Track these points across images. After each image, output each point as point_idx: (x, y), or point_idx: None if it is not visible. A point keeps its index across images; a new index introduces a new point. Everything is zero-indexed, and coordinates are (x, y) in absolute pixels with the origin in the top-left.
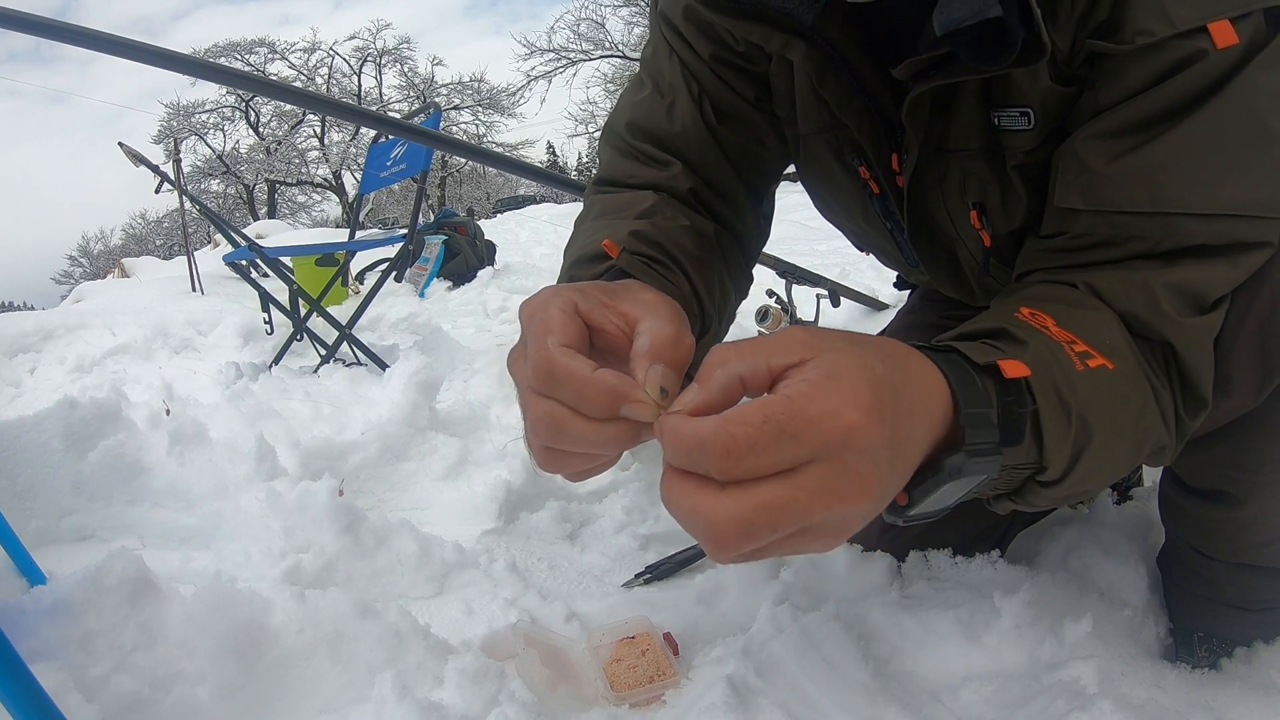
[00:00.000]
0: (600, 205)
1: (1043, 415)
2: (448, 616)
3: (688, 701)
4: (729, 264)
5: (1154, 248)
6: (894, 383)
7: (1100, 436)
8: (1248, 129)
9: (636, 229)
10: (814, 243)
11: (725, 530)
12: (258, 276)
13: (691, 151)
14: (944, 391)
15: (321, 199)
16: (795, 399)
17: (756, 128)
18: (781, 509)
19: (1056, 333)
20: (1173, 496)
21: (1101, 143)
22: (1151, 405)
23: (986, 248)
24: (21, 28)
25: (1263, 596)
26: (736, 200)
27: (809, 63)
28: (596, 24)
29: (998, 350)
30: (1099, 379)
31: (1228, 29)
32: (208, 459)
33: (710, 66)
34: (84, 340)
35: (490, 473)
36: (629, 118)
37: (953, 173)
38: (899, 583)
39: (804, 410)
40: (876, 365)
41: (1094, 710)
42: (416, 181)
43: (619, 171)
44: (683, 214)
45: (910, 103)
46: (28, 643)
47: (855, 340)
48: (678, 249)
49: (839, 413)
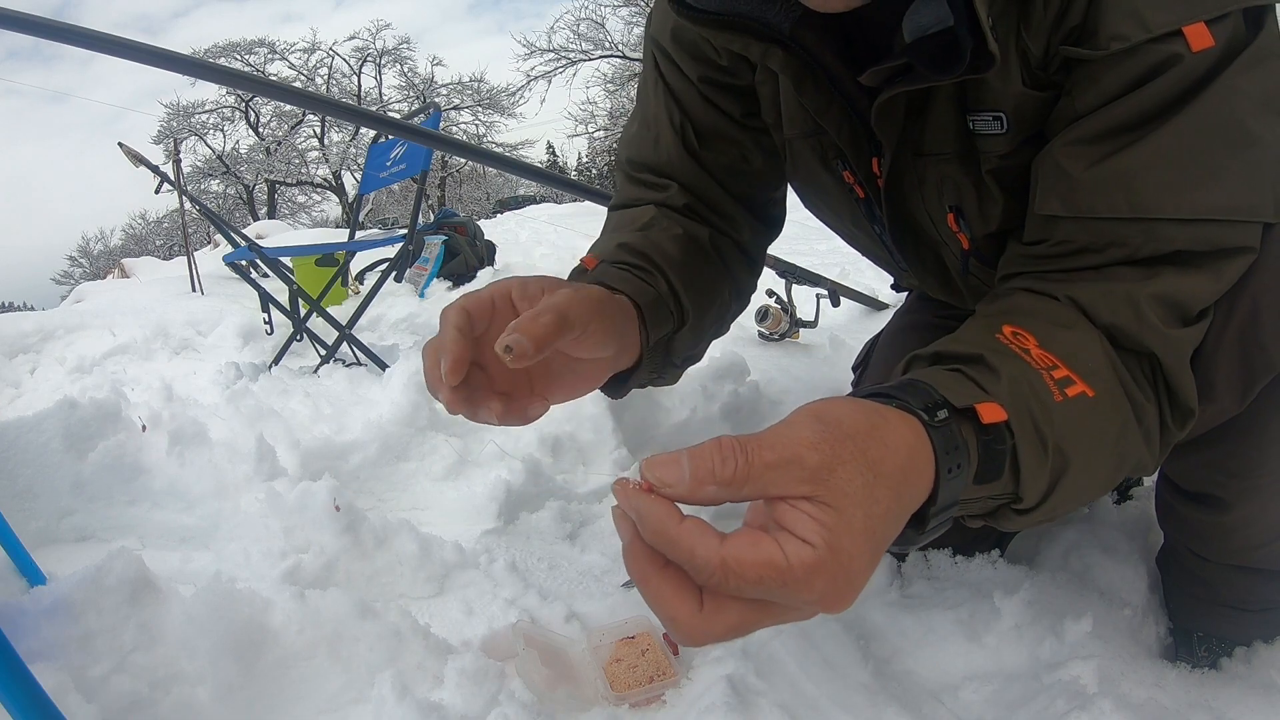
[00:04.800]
0: (612, 222)
1: (1020, 450)
2: (448, 616)
3: (688, 701)
4: (726, 263)
5: (1134, 254)
6: (891, 513)
7: (1077, 465)
8: (1225, 132)
9: (625, 241)
10: (814, 242)
11: (696, 638)
12: (258, 277)
13: (679, 175)
14: (930, 472)
15: (321, 199)
16: (794, 573)
17: (741, 146)
18: (750, 627)
19: (1038, 356)
20: (1167, 499)
21: (1079, 149)
22: (1131, 427)
23: (965, 250)
24: (21, 28)
25: (1260, 597)
26: (728, 213)
27: (787, 70)
28: (596, 24)
29: (975, 388)
30: (1077, 408)
31: (1203, 32)
32: (207, 459)
33: (698, 88)
34: (84, 341)
35: (490, 473)
36: (627, 153)
37: (930, 176)
38: (899, 583)
39: (798, 582)
40: (878, 499)
41: (1094, 710)
42: (416, 182)
43: (627, 196)
44: (678, 224)
45: (878, 108)
46: (28, 643)
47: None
48: (659, 255)
49: (831, 596)
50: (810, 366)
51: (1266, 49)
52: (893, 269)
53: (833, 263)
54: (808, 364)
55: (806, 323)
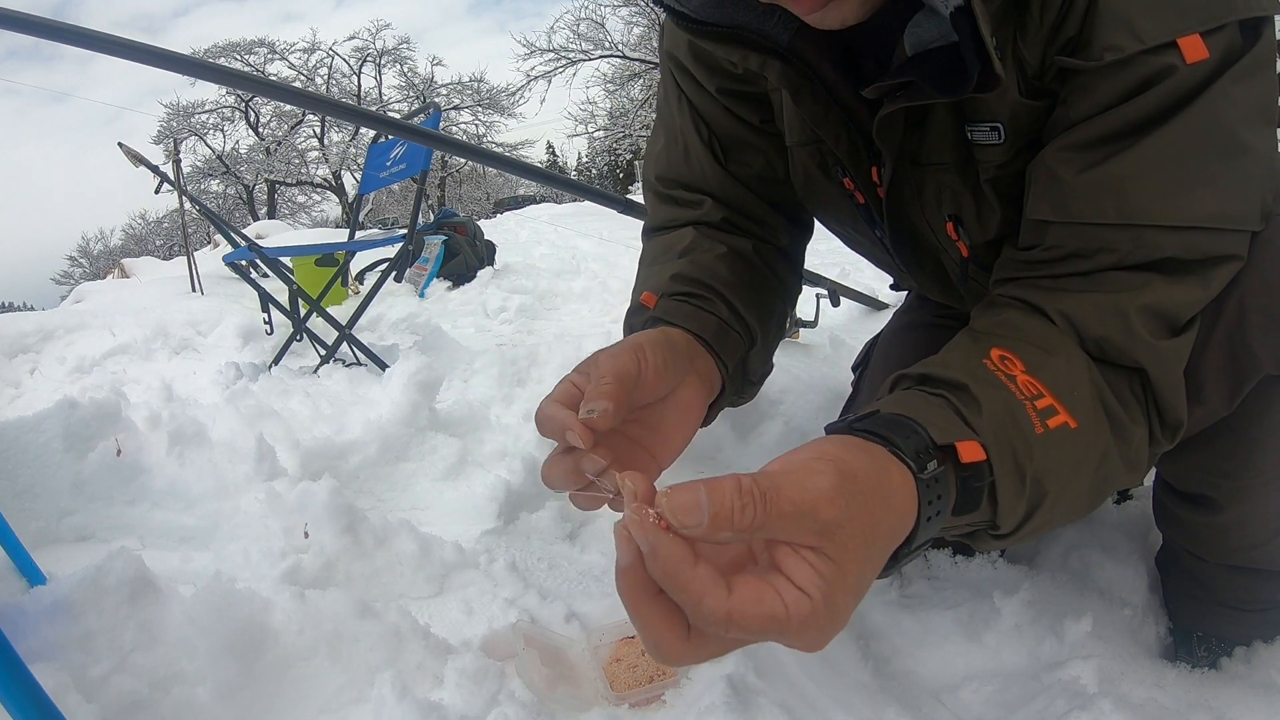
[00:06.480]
0: (651, 251)
1: (999, 484)
2: (448, 616)
3: (687, 701)
4: (774, 271)
5: (1122, 260)
6: (873, 579)
7: (1054, 495)
8: (1216, 141)
9: (677, 270)
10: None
11: (675, 663)
12: (257, 277)
13: (713, 188)
14: (913, 523)
15: (321, 199)
16: (793, 623)
17: (765, 153)
18: (730, 650)
19: (1023, 384)
20: (1164, 500)
21: (1071, 155)
22: (1113, 455)
23: (964, 257)
24: (21, 28)
25: (1258, 597)
26: (765, 220)
27: (784, 81)
28: (596, 24)
29: (958, 423)
30: (1058, 440)
31: (1198, 44)
32: (207, 459)
33: (718, 99)
34: (84, 341)
35: (490, 473)
36: (656, 171)
37: (928, 185)
38: (899, 582)
39: (793, 632)
40: (868, 578)
41: (1094, 710)
42: (416, 182)
43: (662, 218)
44: (720, 242)
45: (880, 122)
46: (28, 643)
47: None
48: (714, 279)
49: (816, 643)
50: (810, 366)
51: (1262, 59)
52: (894, 271)
53: (833, 263)
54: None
55: (806, 322)
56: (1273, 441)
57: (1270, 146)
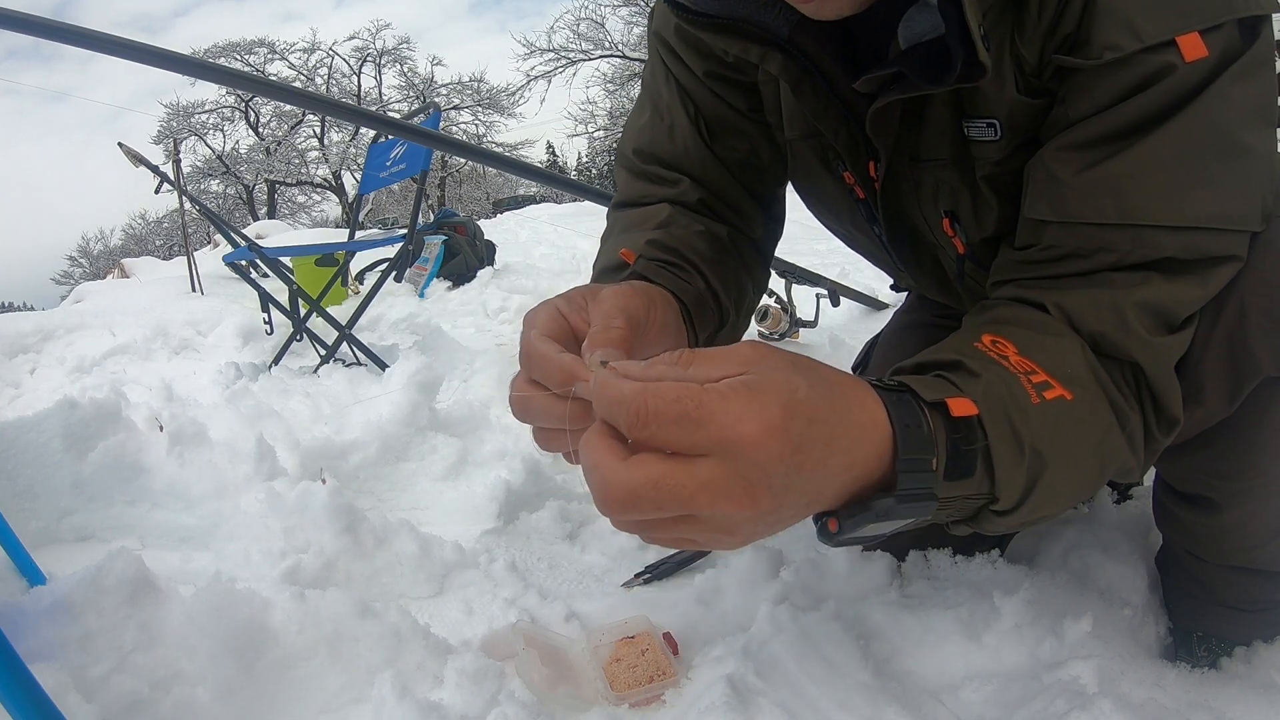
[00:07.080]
0: (621, 222)
1: (994, 449)
2: (447, 616)
3: (687, 701)
4: (745, 262)
5: (1121, 260)
6: (814, 411)
7: (1055, 467)
8: (1216, 141)
9: (653, 238)
10: (814, 242)
11: (613, 492)
12: (257, 277)
13: (695, 168)
14: (884, 431)
15: (321, 199)
16: (709, 395)
17: (751, 139)
18: (667, 489)
19: (1016, 362)
20: (1163, 501)
21: (1070, 154)
22: (1115, 432)
23: (960, 254)
24: (21, 28)
25: (1258, 597)
26: (742, 208)
27: (785, 74)
28: (596, 24)
29: (950, 386)
30: (1056, 411)
31: (1197, 42)
32: (207, 459)
33: (704, 82)
34: (84, 341)
35: (490, 473)
36: (635, 144)
37: (925, 181)
38: (899, 582)
39: (711, 406)
40: (801, 388)
41: (1094, 710)
42: (416, 181)
43: (634, 193)
44: (696, 221)
45: (873, 115)
46: (28, 643)
47: (799, 365)
48: (692, 252)
49: (740, 421)
50: None
51: (1261, 58)
52: (892, 270)
53: (833, 263)
54: None
55: (806, 322)
56: (1273, 443)
57: (1270, 148)
